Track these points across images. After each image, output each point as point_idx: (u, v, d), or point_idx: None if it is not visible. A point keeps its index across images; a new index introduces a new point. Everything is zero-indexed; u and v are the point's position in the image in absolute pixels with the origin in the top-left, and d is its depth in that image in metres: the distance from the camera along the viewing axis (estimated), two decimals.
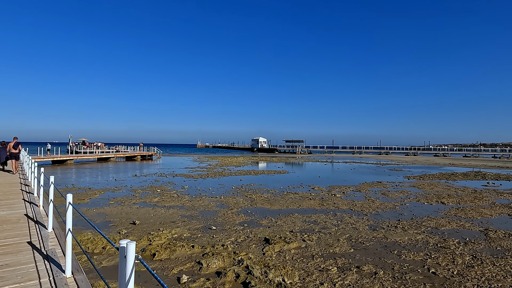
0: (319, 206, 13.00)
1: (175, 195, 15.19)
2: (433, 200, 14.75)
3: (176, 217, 10.60)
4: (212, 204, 13.05)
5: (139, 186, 18.23)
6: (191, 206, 12.61)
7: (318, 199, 14.64)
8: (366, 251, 7.33)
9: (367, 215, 11.43)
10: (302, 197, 14.99)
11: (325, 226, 9.69)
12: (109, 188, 17.08)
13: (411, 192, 17.34)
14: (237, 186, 18.53)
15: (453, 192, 17.24)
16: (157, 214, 11.00)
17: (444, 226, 9.83)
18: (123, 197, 14.50)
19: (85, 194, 15.21)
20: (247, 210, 12.04)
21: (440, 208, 12.86)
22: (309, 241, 8.02)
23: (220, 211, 11.74)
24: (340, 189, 18.15)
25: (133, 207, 12.16)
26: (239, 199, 14.32)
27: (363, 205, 13.31)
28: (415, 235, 8.78)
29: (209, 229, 9.13)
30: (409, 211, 12.19)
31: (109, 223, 9.67)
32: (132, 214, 10.96)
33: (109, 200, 13.72)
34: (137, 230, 8.87)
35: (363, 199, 14.91)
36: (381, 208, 12.74)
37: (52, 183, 6.47)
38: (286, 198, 14.81)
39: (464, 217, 11.23)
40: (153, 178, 22.13)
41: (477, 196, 15.90)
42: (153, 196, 14.65)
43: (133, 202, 13.32)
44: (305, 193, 16.21)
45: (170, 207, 12.27)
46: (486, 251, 7.44)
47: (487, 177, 26.61)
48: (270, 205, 13.06)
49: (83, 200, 13.59)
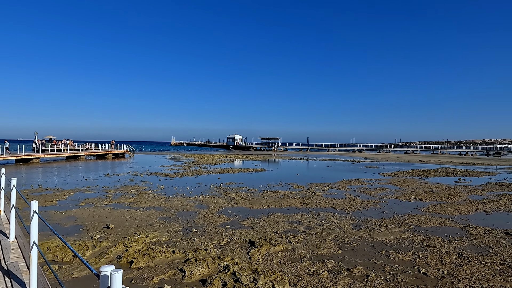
0: (301, 205, 12.79)
1: (151, 195, 14.50)
2: (411, 197, 14.95)
3: (153, 219, 10.02)
4: (191, 204, 12.53)
5: (112, 186, 17.33)
6: (169, 207, 12.04)
7: (299, 197, 14.45)
8: (355, 252, 7.13)
9: (350, 213, 11.34)
10: (283, 196, 14.75)
11: (309, 226, 9.46)
12: (80, 189, 16.10)
13: (388, 189, 17.56)
14: (215, 185, 18.04)
15: (428, 189, 17.60)
16: (132, 216, 10.36)
17: (426, 224, 9.87)
18: (95, 198, 13.66)
19: (53, 195, 14.22)
20: (228, 210, 11.62)
21: (419, 205, 13.00)
22: (295, 242, 7.74)
23: (200, 212, 11.26)
24: (320, 187, 18.09)
25: (106, 209, 11.43)
26: (219, 198, 13.87)
27: (344, 203, 13.24)
28: (400, 233, 8.72)
29: (190, 232, 8.65)
30: (389, 209, 12.23)
31: (80, 227, 8.95)
32: (105, 217, 10.25)
33: (80, 201, 12.86)
34: (112, 235, 8.25)
35: (343, 197, 14.88)
36: (362, 206, 12.71)
37: (15, 186, 5.79)
38: (267, 197, 14.51)
39: (443, 214, 11.38)
40: (127, 178, 21.18)
41: (451, 193, 16.30)
42: (128, 197, 13.91)
43: (106, 203, 12.55)
44: (285, 192, 15.98)
45: (146, 209, 11.63)
46: (471, 249, 7.45)
47: (457, 173, 27.57)
48: (251, 204, 12.71)
49: (51, 202, 12.66)
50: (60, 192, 15.06)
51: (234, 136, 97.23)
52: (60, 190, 15.67)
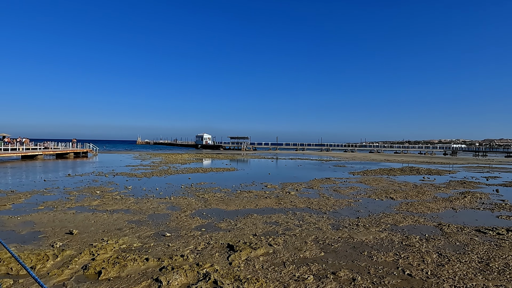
0: (277, 205, 12.55)
1: (118, 197, 13.65)
2: (382, 195, 15.21)
3: (122, 223, 9.32)
4: (162, 206, 11.89)
5: (74, 187, 16.17)
6: (138, 209, 11.33)
7: (273, 197, 14.22)
8: (337, 254, 6.96)
9: (326, 213, 11.25)
10: (257, 196, 14.45)
11: (288, 227, 9.21)
12: (37, 191, 14.85)
13: (360, 188, 17.80)
14: (186, 185, 17.40)
15: (397, 187, 18.06)
16: (98, 221, 9.59)
17: (402, 223, 9.97)
18: (55, 200, 12.61)
19: (7, 198, 12.97)
20: (201, 212, 11.13)
21: (392, 204, 13.22)
22: (276, 245, 7.44)
23: (172, 214, 10.67)
24: (293, 186, 18.00)
25: (68, 213, 10.53)
26: (191, 199, 13.31)
27: (319, 202, 13.18)
28: (378, 233, 8.70)
29: (163, 236, 8.10)
30: (364, 208, 12.30)
31: (39, 234, 8.10)
32: (68, 222, 9.41)
33: (38, 204, 11.80)
34: (76, 242, 7.51)
35: (317, 196, 14.84)
36: (337, 205, 12.70)
37: None
38: (241, 197, 14.15)
39: (416, 212, 11.60)
40: (91, 178, 19.94)
41: (419, 191, 16.81)
42: (92, 199, 12.98)
43: (67, 206, 11.59)
44: (259, 192, 15.70)
45: (113, 212, 10.86)
46: (448, 248, 7.54)
47: (420, 172, 28.71)
48: (226, 205, 12.29)
49: (4, 206, 11.51)
50: (15, 194, 13.79)
51: (203, 135, 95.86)
52: (15, 192, 14.36)
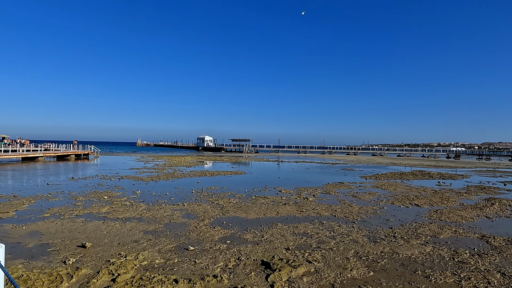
0: (299, 213, 11.74)
1: (127, 202, 12.82)
2: (406, 202, 14.41)
3: (137, 234, 8.50)
4: (177, 214, 11.06)
5: (80, 192, 15.33)
6: (152, 217, 10.50)
7: (292, 204, 13.40)
8: (388, 274, 6.14)
9: (355, 222, 10.43)
10: (274, 202, 13.63)
11: (320, 239, 8.39)
12: (41, 196, 14.01)
13: (378, 193, 17.00)
14: (197, 190, 16.57)
15: (417, 193, 17.27)
16: (111, 231, 8.76)
17: (441, 234, 9.15)
18: (62, 207, 11.78)
19: (9, 204, 12.14)
20: (221, 220, 10.30)
21: (420, 212, 12.41)
22: (315, 262, 6.62)
23: (190, 223, 9.85)
24: (308, 191, 17.19)
25: (77, 221, 9.70)
26: (206, 206, 12.49)
27: (343, 210, 12.37)
28: (422, 247, 7.89)
29: (186, 250, 7.27)
30: (392, 216, 11.49)
31: (48, 247, 7.27)
32: (78, 232, 8.58)
33: (43, 211, 10.96)
34: (90, 257, 6.68)
35: (338, 202, 14.03)
36: (363, 213, 11.89)
37: None
38: (258, 203, 13.33)
39: (450, 221, 10.80)
40: (96, 182, 19.10)
41: (442, 197, 16.02)
42: (101, 205, 12.15)
43: (75, 213, 10.76)
44: (275, 197, 14.88)
45: (125, 220, 10.03)
46: (508, 265, 6.73)
47: (433, 176, 27.93)
48: (245, 213, 11.46)
49: (7, 212, 10.67)
50: (18, 200, 12.95)
51: (204, 137, 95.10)
52: (18, 197, 13.53)
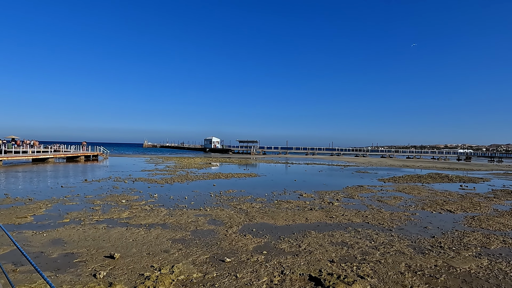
0: (329, 219, 11.12)
1: (147, 207, 12.30)
2: (436, 207, 13.72)
3: (165, 243, 7.94)
4: (201, 219, 10.50)
5: (96, 195, 14.86)
6: (176, 223, 9.96)
7: (318, 209, 12.78)
8: None
9: (392, 230, 9.78)
10: (299, 207, 13.02)
11: (363, 249, 7.77)
12: (57, 199, 13.54)
13: (403, 197, 16.31)
14: (215, 194, 16.01)
15: (443, 198, 16.55)
16: (137, 239, 8.22)
17: (491, 244, 8.47)
18: (80, 211, 11.28)
19: (26, 207, 11.68)
20: (250, 228, 9.71)
21: (455, 218, 11.72)
22: (368, 277, 6.00)
23: (218, 230, 9.28)
24: (330, 195, 16.55)
25: (99, 228, 9.18)
26: (230, 211, 11.92)
27: (374, 216, 11.72)
28: (477, 260, 7.23)
29: (222, 262, 6.69)
30: (428, 223, 10.82)
31: (74, 258, 6.74)
32: (102, 240, 8.05)
33: (62, 216, 10.47)
34: (121, 269, 6.13)
35: (365, 208, 13.39)
36: (396, 219, 11.24)
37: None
38: (282, 208, 12.73)
39: (493, 230, 10.10)
40: (110, 184, 18.64)
41: (471, 202, 15.29)
42: (120, 210, 11.64)
43: (95, 219, 10.25)
44: (298, 202, 14.27)
45: (149, 226, 9.49)
46: None
47: (452, 179, 27.09)
48: (273, 219, 10.87)
49: (25, 217, 10.20)
50: (34, 203, 12.49)
51: (211, 139, 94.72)
52: (34, 200, 13.07)
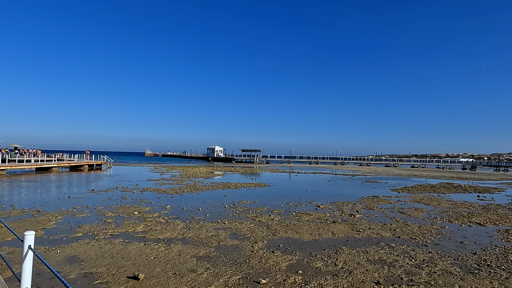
0: (356, 233, 10.48)
1: (161, 220, 11.68)
2: (463, 220, 13.08)
3: (190, 261, 7.32)
4: (222, 233, 9.88)
5: (106, 206, 14.24)
6: (196, 238, 9.33)
7: (341, 221, 12.15)
8: None
9: (427, 245, 9.14)
10: (321, 220, 12.39)
11: (405, 269, 7.13)
12: (66, 211, 12.93)
13: (424, 209, 15.66)
14: (229, 205, 15.39)
15: (466, 209, 15.89)
16: (159, 256, 7.59)
17: None
18: (92, 224, 10.66)
19: (34, 220, 11.08)
20: (275, 243, 9.08)
21: (489, 232, 11.07)
22: None
23: (242, 246, 8.65)
24: (348, 206, 15.92)
25: (116, 243, 8.56)
26: (250, 224, 11.29)
27: (402, 229, 11.08)
28: None
29: (258, 284, 6.06)
30: (463, 237, 10.16)
31: (95, 279, 6.11)
32: (122, 257, 7.42)
33: (74, 230, 9.85)
34: None
35: (388, 220, 12.75)
36: (427, 233, 10.59)
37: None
38: (303, 221, 12.10)
39: None
40: (118, 195, 18.03)
41: (497, 214, 14.65)
42: (134, 223, 11.02)
43: (110, 233, 9.63)
44: (318, 214, 13.63)
45: (168, 241, 8.87)
46: None
47: (466, 189, 26.47)
48: (297, 233, 10.23)
49: (35, 231, 9.54)
50: (43, 215, 11.89)
51: (214, 147, 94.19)
52: (42, 212, 12.47)
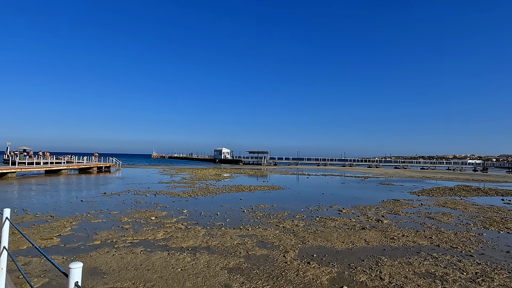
0: (391, 241, 9.77)
1: (181, 225, 11.08)
2: (499, 226, 12.32)
3: (221, 274, 6.70)
4: (248, 242, 9.24)
5: (121, 210, 13.69)
6: (221, 246, 8.71)
7: (370, 228, 11.46)
8: None
9: (472, 255, 8.42)
10: (348, 226, 11.71)
11: (461, 284, 6.40)
12: (80, 216, 12.39)
13: (452, 214, 14.88)
14: (248, 209, 14.76)
15: (495, 214, 15.10)
16: (186, 268, 6.98)
17: None
18: (109, 231, 10.09)
19: (49, 226, 10.54)
20: (307, 252, 8.42)
21: None
22: None
23: (274, 256, 8.01)
24: (371, 211, 15.21)
25: (137, 252, 7.97)
26: (275, 231, 10.64)
27: (438, 237, 10.35)
28: None
29: None
30: (507, 246, 9.41)
31: None
32: (147, 269, 6.82)
33: (91, 238, 9.28)
34: None
35: (419, 226, 12.03)
36: (467, 241, 9.85)
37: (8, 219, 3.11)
38: (330, 227, 11.44)
39: None
40: (131, 198, 17.48)
41: None
42: (153, 229, 10.43)
43: (129, 240, 9.05)
44: (343, 219, 12.95)
45: (192, 250, 8.26)
46: None
47: (488, 192, 25.58)
48: (328, 241, 9.56)
49: (50, 238, 9.04)
50: (57, 221, 11.36)
51: (221, 149, 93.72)
52: (56, 217, 11.94)
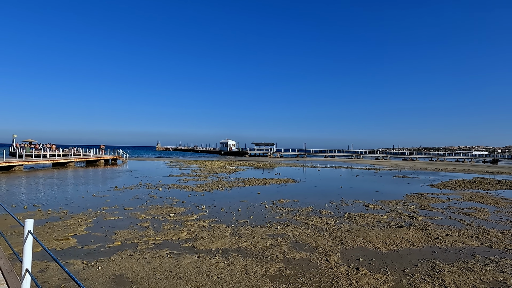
0: (436, 241, 8.91)
1: (203, 223, 10.30)
2: None
3: (263, 282, 5.88)
4: (281, 242, 8.43)
5: (136, 206, 12.93)
6: (254, 248, 7.91)
7: (406, 225, 10.61)
8: None
9: None
10: (381, 223, 10.87)
11: None
12: (95, 212, 11.64)
13: (487, 210, 13.99)
14: (269, 204, 13.96)
15: None
16: (222, 275, 6.17)
17: None
18: (129, 230, 9.33)
19: (63, 224, 9.79)
20: (351, 255, 7.59)
21: None
22: None
23: (315, 260, 7.18)
24: (399, 205, 14.38)
25: (164, 255, 7.18)
26: (306, 230, 9.82)
27: (485, 236, 9.47)
28: None
29: None
30: None
31: None
32: (178, 277, 6.02)
33: (110, 237, 8.51)
34: None
35: (458, 223, 11.17)
36: None
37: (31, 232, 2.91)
38: (363, 224, 10.61)
39: None
40: (144, 192, 16.74)
41: None
42: (175, 227, 9.66)
43: (152, 241, 8.27)
44: (373, 215, 12.10)
45: (223, 253, 7.46)
46: None
47: (510, 186, 24.62)
48: (367, 242, 8.73)
49: (66, 239, 8.28)
50: (71, 218, 10.61)
51: (227, 141, 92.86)
52: (69, 214, 11.20)
